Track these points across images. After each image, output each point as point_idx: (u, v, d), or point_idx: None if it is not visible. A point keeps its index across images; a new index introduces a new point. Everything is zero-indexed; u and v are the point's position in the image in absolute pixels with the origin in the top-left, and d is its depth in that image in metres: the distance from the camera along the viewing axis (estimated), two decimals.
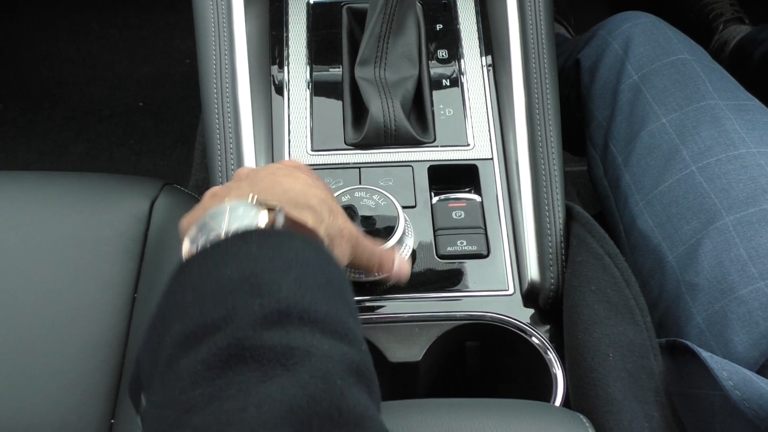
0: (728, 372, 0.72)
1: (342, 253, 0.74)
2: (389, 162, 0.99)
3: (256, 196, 0.66)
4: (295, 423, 0.46)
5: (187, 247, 0.64)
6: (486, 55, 1.08)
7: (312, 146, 1.01)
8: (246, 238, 0.59)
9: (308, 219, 0.68)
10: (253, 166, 0.96)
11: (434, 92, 1.05)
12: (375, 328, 0.89)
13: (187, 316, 0.54)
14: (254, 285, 0.54)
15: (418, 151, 1.00)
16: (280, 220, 0.64)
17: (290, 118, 1.03)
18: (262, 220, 0.63)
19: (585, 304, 0.83)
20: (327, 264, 0.61)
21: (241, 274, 0.55)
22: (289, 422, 0.46)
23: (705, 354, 0.75)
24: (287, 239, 0.60)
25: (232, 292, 0.54)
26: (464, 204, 0.96)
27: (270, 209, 0.65)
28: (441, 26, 1.11)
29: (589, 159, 1.14)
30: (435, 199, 0.97)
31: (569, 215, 0.93)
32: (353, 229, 0.77)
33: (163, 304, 0.58)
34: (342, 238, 0.73)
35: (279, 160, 1.00)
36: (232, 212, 0.64)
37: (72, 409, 0.92)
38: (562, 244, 0.92)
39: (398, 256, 0.84)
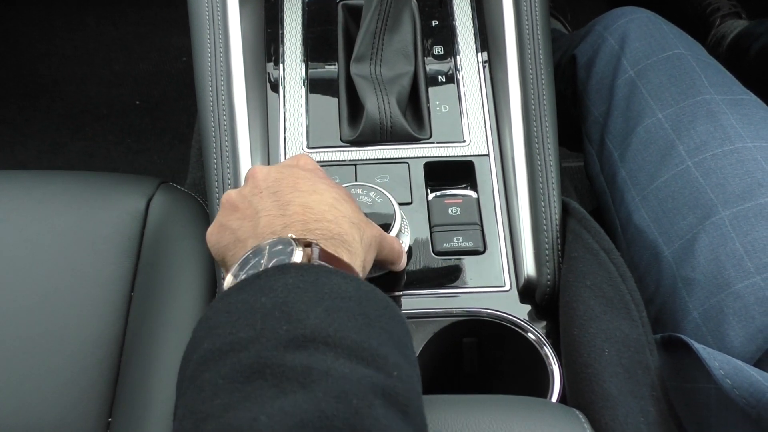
0: (720, 362, 0.73)
1: (369, 263, 0.76)
2: (385, 159, 0.99)
3: (293, 235, 0.67)
4: None
5: (229, 282, 0.67)
6: (482, 51, 1.08)
7: (308, 143, 1.01)
8: (284, 270, 0.61)
9: (343, 256, 0.69)
10: (254, 164, 0.96)
11: (430, 89, 1.05)
12: None
13: (217, 335, 0.56)
14: (284, 312, 0.56)
15: (414, 148, 1.00)
16: (315, 257, 0.65)
17: (286, 116, 1.03)
18: (298, 257, 0.64)
19: (581, 299, 0.83)
20: (366, 298, 0.61)
21: (274, 302, 0.57)
22: None
23: (697, 346, 0.75)
24: (325, 274, 0.61)
25: (262, 316, 0.56)
26: (460, 200, 0.96)
27: (307, 245, 0.66)
28: (436, 22, 1.11)
29: (586, 155, 1.14)
30: (431, 196, 0.97)
31: (565, 211, 0.93)
32: (376, 233, 0.77)
33: (197, 329, 0.60)
34: (368, 251, 0.74)
35: (290, 155, 1.00)
36: (271, 251, 0.66)
37: (69, 407, 0.92)
38: (558, 240, 0.92)
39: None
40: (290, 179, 0.74)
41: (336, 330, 0.56)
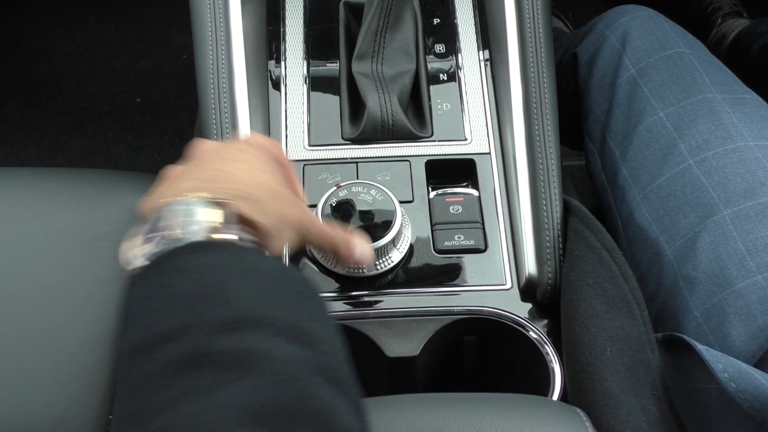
0: (723, 364, 0.72)
1: (286, 240, 0.73)
2: (386, 157, 0.99)
3: (205, 194, 0.65)
4: (254, 424, 0.46)
5: (139, 243, 0.63)
6: (483, 50, 1.08)
7: (309, 141, 1.00)
8: (203, 248, 0.59)
9: (254, 214, 0.67)
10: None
11: (431, 87, 1.05)
12: (372, 322, 0.89)
13: (140, 327, 0.54)
14: (211, 295, 0.55)
15: (416, 146, 1.00)
16: (229, 218, 0.64)
17: (287, 114, 1.03)
18: (210, 216, 0.63)
19: (582, 298, 0.83)
20: (286, 276, 0.61)
21: (198, 284, 0.56)
22: (248, 424, 0.46)
23: (700, 347, 0.75)
24: (245, 252, 0.61)
25: (189, 302, 0.54)
26: (462, 199, 0.96)
27: (219, 204, 0.64)
28: (438, 20, 1.11)
29: (587, 153, 1.14)
30: (432, 194, 0.97)
31: (567, 209, 0.93)
32: (301, 215, 0.75)
33: (122, 319, 0.58)
34: (286, 225, 0.72)
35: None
36: (182, 209, 0.63)
37: (69, 404, 0.92)
38: (560, 239, 0.92)
39: (355, 238, 0.83)
40: (225, 150, 0.74)
41: (266, 309, 0.55)
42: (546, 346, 0.87)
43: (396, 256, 0.90)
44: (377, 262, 0.89)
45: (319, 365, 0.53)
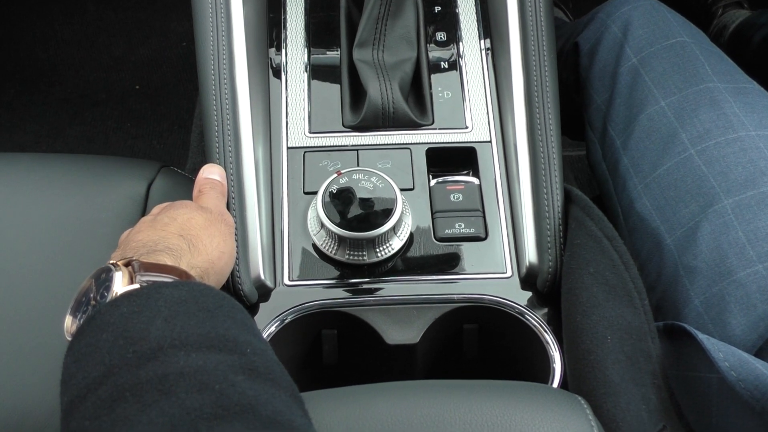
0: (724, 353, 0.73)
1: (223, 270, 0.80)
2: (387, 144, 0.99)
3: (113, 261, 0.70)
4: None
5: (69, 322, 0.71)
6: (485, 38, 1.08)
7: (310, 128, 1.00)
8: (117, 303, 0.62)
9: (166, 260, 0.71)
10: (256, 148, 0.96)
11: (432, 75, 1.05)
12: (373, 310, 0.89)
13: (72, 386, 0.58)
14: (127, 338, 0.58)
15: (416, 134, 1.00)
16: (137, 269, 0.68)
17: (288, 101, 1.03)
18: (119, 277, 0.67)
19: (583, 286, 0.83)
20: (200, 296, 0.64)
21: (115, 334, 0.59)
22: None
23: (701, 336, 0.75)
24: (154, 290, 0.63)
25: (108, 351, 0.58)
26: (462, 187, 0.96)
27: (127, 264, 0.69)
28: (439, 8, 1.11)
29: (588, 142, 1.14)
30: (433, 182, 0.97)
31: (568, 198, 0.93)
32: (223, 237, 0.81)
33: (61, 387, 0.61)
34: (218, 261, 0.78)
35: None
36: (97, 281, 0.69)
37: None
38: (561, 227, 0.91)
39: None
40: (150, 222, 0.79)
41: (179, 333, 0.58)
42: (546, 335, 0.87)
43: (396, 243, 0.90)
44: (377, 250, 0.89)
45: (240, 365, 0.56)
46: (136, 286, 0.66)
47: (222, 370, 0.55)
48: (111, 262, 0.69)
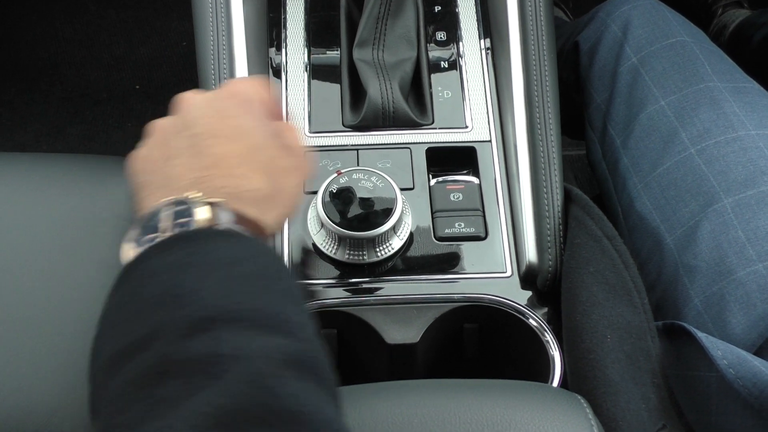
0: (722, 352, 0.73)
1: (283, 222, 0.72)
2: (387, 144, 0.99)
3: (198, 193, 0.62)
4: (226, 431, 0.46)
5: (127, 249, 0.62)
6: (485, 38, 1.08)
7: (310, 128, 1.00)
8: (166, 247, 0.57)
9: (249, 210, 0.64)
10: None
11: (432, 74, 1.05)
12: (373, 309, 0.89)
13: (115, 337, 0.53)
14: (175, 296, 0.53)
15: (416, 133, 1.00)
16: (222, 219, 0.61)
17: (288, 101, 1.03)
18: (201, 221, 0.60)
19: (583, 286, 0.83)
20: (259, 259, 0.58)
21: (162, 287, 0.54)
22: None
23: (700, 334, 0.75)
24: (210, 241, 0.58)
25: (154, 307, 0.53)
26: (462, 186, 0.96)
27: (211, 204, 0.61)
28: (439, 8, 1.11)
29: (588, 142, 1.14)
30: (433, 182, 0.97)
31: (568, 197, 0.93)
32: (299, 173, 0.72)
33: (99, 327, 0.57)
34: (288, 215, 0.70)
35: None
36: (173, 212, 0.61)
37: (68, 388, 0.92)
38: (561, 226, 0.92)
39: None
40: (215, 119, 0.68)
41: (235, 302, 0.53)
42: (546, 334, 0.87)
43: (396, 243, 0.90)
44: (377, 249, 0.89)
45: (293, 355, 0.51)
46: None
47: (275, 359, 0.50)
48: (191, 195, 0.61)
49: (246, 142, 0.67)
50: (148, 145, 0.71)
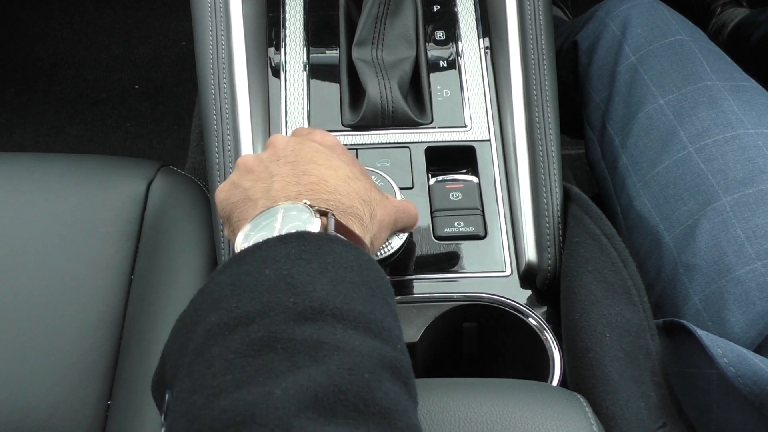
0: (723, 350, 0.73)
1: (381, 242, 0.75)
2: (386, 143, 0.99)
3: (308, 202, 0.67)
4: (320, 409, 0.48)
5: (240, 241, 0.66)
6: (483, 37, 1.08)
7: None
8: (286, 241, 0.60)
9: (355, 228, 0.68)
10: (256, 148, 0.95)
11: (431, 74, 1.05)
12: None
13: (223, 309, 0.55)
14: (290, 284, 0.55)
15: (416, 133, 1.00)
16: (331, 228, 0.64)
17: (287, 100, 1.03)
18: (315, 226, 0.64)
19: (582, 284, 0.83)
20: (366, 267, 0.61)
21: (279, 274, 0.56)
22: (313, 408, 0.47)
23: (700, 332, 0.75)
24: (326, 243, 0.61)
25: (268, 289, 0.55)
26: (461, 185, 0.96)
27: (322, 214, 0.65)
28: (438, 7, 1.11)
29: (587, 141, 1.14)
30: (432, 181, 0.97)
31: (567, 196, 0.93)
32: (391, 211, 0.76)
33: (198, 300, 0.59)
34: (382, 230, 0.74)
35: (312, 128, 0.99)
36: (286, 214, 0.65)
37: (69, 389, 0.92)
38: (560, 225, 0.92)
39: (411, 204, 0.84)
40: (308, 151, 0.73)
41: (343, 302, 0.55)
42: (545, 333, 0.87)
43: (396, 242, 0.90)
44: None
45: (390, 360, 0.54)
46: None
47: (374, 358, 0.53)
48: (306, 202, 0.66)
49: (341, 172, 0.72)
50: (238, 172, 0.75)
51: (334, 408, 0.48)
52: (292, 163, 0.72)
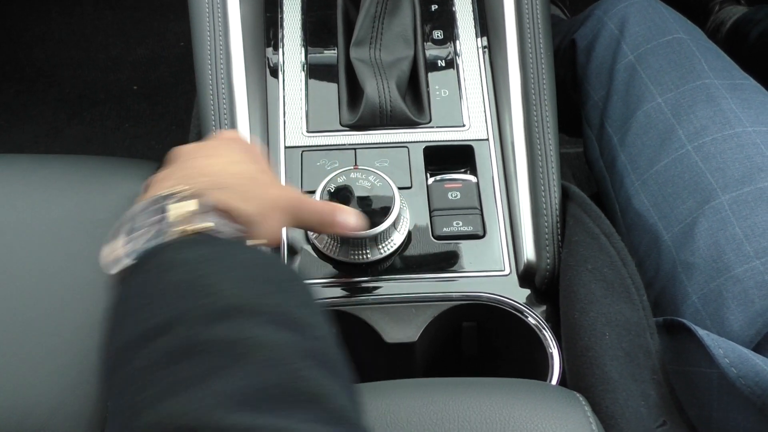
0: (724, 350, 0.73)
1: (277, 224, 0.73)
2: (385, 143, 0.99)
3: (175, 188, 0.65)
4: (249, 405, 0.47)
5: (121, 244, 0.63)
6: (482, 36, 1.08)
7: (307, 128, 1.00)
8: (187, 243, 0.60)
9: (234, 201, 0.67)
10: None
11: (429, 73, 1.05)
12: (371, 308, 0.89)
13: (134, 324, 0.55)
14: (200, 287, 0.55)
15: (414, 132, 1.00)
16: (205, 204, 0.63)
17: (285, 100, 1.03)
18: (187, 207, 0.62)
19: (581, 283, 0.83)
20: (269, 262, 0.62)
21: (186, 278, 0.56)
22: (242, 406, 0.47)
23: (701, 332, 0.75)
24: (227, 243, 0.61)
25: (178, 295, 0.55)
26: (460, 185, 0.96)
27: (194, 195, 0.64)
28: (436, 7, 1.11)
29: (585, 139, 1.14)
30: (431, 180, 0.97)
31: (565, 195, 0.93)
32: (290, 196, 0.76)
33: (110, 317, 0.58)
34: (272, 209, 0.72)
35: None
36: (161, 207, 0.64)
37: (68, 390, 0.92)
38: (558, 224, 0.92)
39: (338, 206, 0.83)
40: (199, 149, 0.74)
41: (255, 297, 0.55)
42: (544, 332, 0.87)
43: (398, 238, 0.90)
44: (379, 247, 0.89)
45: (309, 350, 0.54)
46: (210, 224, 0.62)
47: (297, 351, 0.53)
48: (174, 190, 0.64)
49: (225, 159, 0.73)
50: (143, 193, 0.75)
51: (262, 403, 0.48)
52: (180, 162, 0.73)
